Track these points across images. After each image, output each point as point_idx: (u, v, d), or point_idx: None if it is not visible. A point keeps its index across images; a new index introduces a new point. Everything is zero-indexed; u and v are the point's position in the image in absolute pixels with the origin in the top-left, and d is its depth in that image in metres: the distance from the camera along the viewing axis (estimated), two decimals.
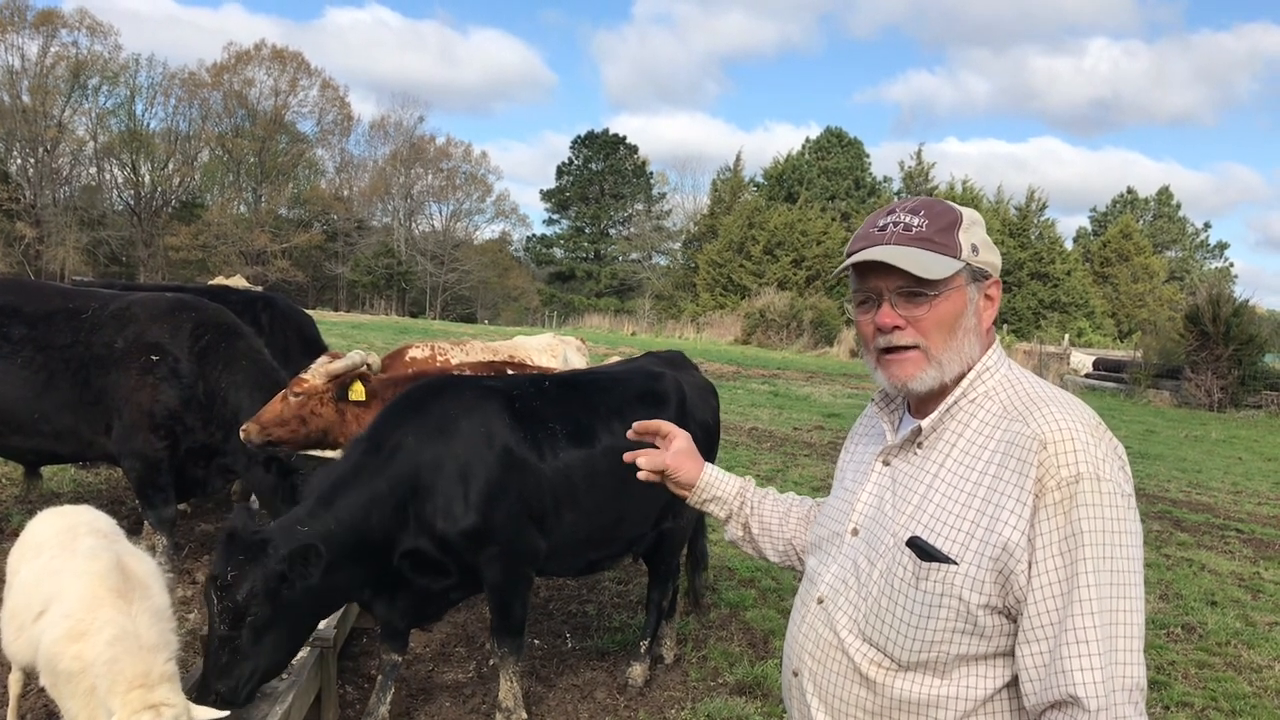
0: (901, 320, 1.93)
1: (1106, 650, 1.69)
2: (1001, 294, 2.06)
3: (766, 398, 20.72)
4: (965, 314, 1.95)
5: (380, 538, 4.17)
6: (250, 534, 3.71)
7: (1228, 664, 6.33)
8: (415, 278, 65.36)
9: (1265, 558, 9.28)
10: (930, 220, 1.93)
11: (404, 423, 4.40)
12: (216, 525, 7.79)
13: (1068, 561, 1.72)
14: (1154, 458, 15.80)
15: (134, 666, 3.19)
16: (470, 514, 4.31)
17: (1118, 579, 1.72)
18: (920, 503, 1.92)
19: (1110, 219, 71.45)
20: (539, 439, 4.58)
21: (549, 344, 8.65)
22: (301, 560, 3.69)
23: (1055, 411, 1.83)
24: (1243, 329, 25.43)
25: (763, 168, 67.53)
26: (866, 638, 1.94)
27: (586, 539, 4.81)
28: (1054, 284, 56.08)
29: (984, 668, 1.85)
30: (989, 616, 1.80)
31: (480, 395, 4.62)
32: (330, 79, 67.34)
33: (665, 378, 5.31)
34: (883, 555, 1.94)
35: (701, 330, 47.70)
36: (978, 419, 1.92)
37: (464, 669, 5.44)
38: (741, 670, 5.58)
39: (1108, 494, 1.74)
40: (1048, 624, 1.73)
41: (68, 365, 5.93)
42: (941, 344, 1.93)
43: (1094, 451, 1.77)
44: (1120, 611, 1.72)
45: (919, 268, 1.88)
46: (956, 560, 1.81)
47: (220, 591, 3.59)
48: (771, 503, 2.50)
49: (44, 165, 57.03)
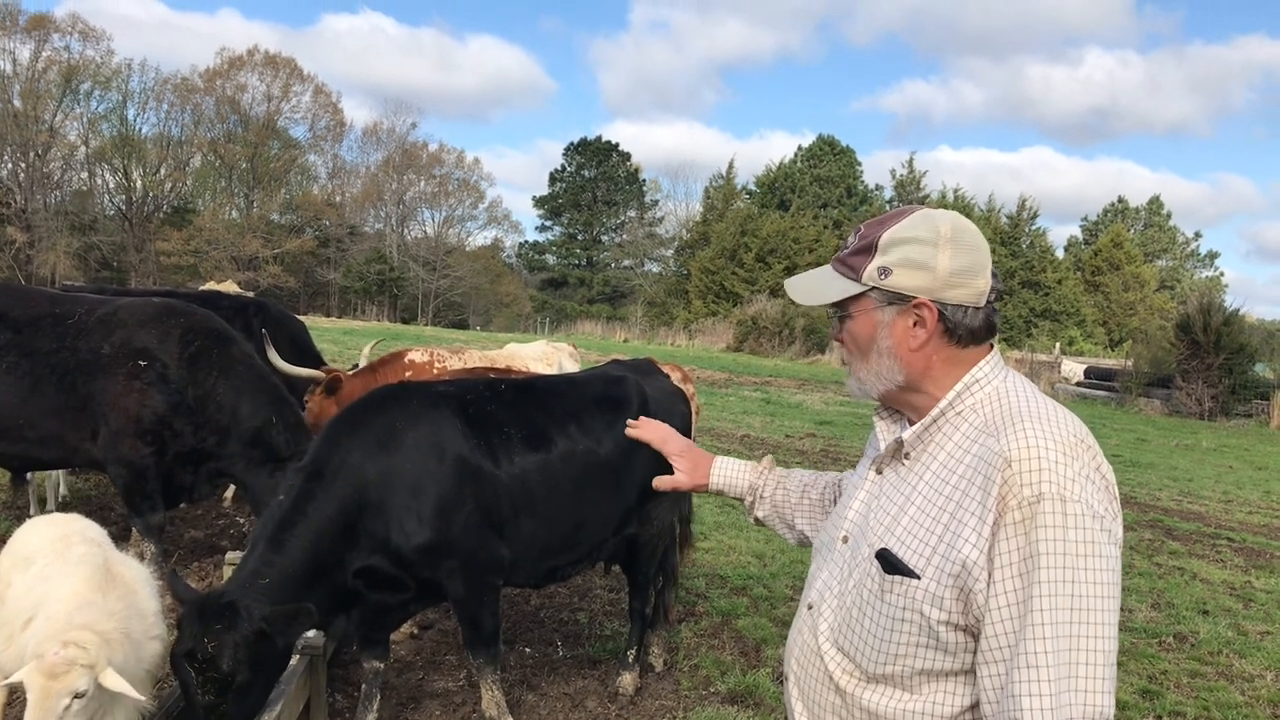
0: (842, 335, 2.04)
1: (1060, 677, 1.64)
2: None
3: (758, 405, 20.71)
4: (875, 337, 1.96)
5: (334, 561, 4.05)
6: (218, 600, 3.59)
7: (1220, 673, 6.33)
8: (407, 284, 65.27)
9: (1256, 566, 9.30)
10: (858, 240, 1.98)
11: (344, 440, 4.23)
12: (206, 532, 7.75)
13: (1024, 584, 1.68)
14: (1145, 466, 15.83)
15: (83, 619, 3.21)
16: (424, 529, 4.18)
17: (1079, 603, 1.66)
18: (897, 514, 1.91)
19: (1101, 228, 71.70)
20: (494, 445, 4.43)
21: (544, 352, 8.64)
22: (291, 622, 3.60)
23: (1029, 428, 1.79)
24: (1233, 338, 25.55)
25: (755, 175, 67.72)
26: (839, 647, 1.95)
27: (546, 547, 4.68)
28: (1045, 293, 56.25)
29: (952, 684, 1.83)
30: (951, 633, 1.78)
31: (428, 403, 4.47)
32: (323, 85, 67.41)
33: (626, 382, 5.17)
34: (859, 565, 1.95)
35: (694, 337, 47.73)
36: (960, 432, 1.90)
37: (454, 677, 5.41)
38: (733, 679, 5.56)
39: (1073, 515, 1.69)
40: (1003, 645, 1.71)
41: (53, 371, 5.88)
42: (858, 362, 2.01)
43: (1061, 471, 1.72)
44: (1080, 637, 1.66)
45: (801, 292, 2.04)
46: (919, 574, 1.80)
47: (201, 664, 3.44)
48: (784, 488, 2.53)
49: (35, 170, 56.82)
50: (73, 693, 3.11)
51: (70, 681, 3.09)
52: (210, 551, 7.18)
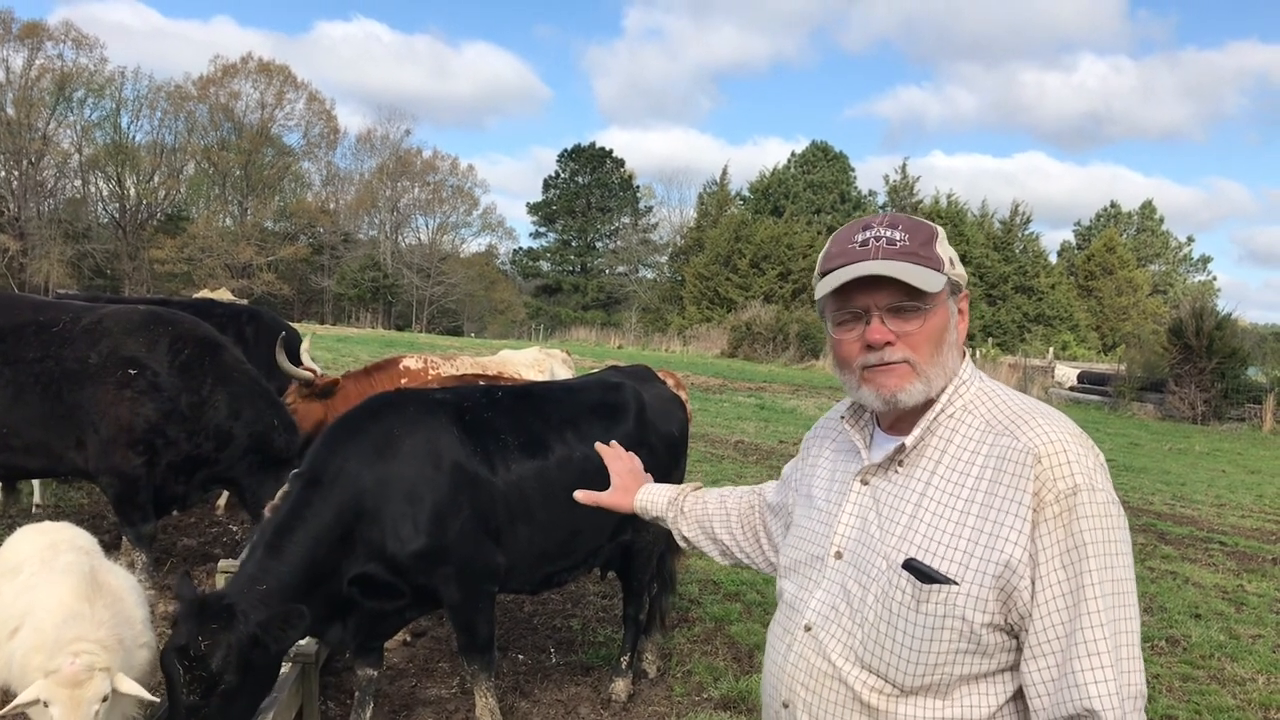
0: (892, 335, 1.89)
1: (1115, 660, 1.70)
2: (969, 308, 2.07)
3: (752, 410, 20.72)
4: (949, 328, 1.94)
5: (331, 568, 4.05)
6: (217, 601, 3.58)
7: (1211, 677, 6.34)
8: (401, 291, 65.22)
9: (1249, 570, 9.32)
10: (910, 234, 1.91)
11: (341, 447, 4.23)
12: (199, 540, 7.74)
13: (1072, 574, 1.73)
14: (1138, 470, 15.86)
15: (74, 631, 3.21)
16: (420, 536, 4.18)
17: (1119, 587, 1.74)
18: (910, 523, 1.88)
19: (1094, 233, 71.91)
20: (490, 452, 4.45)
21: (536, 359, 8.66)
22: (283, 624, 3.58)
23: (1045, 424, 1.83)
24: (1226, 342, 25.61)
25: (749, 181, 67.81)
26: (865, 665, 1.90)
27: (542, 553, 4.69)
28: (1038, 297, 56.40)
29: (985, 686, 1.84)
30: (992, 634, 1.79)
31: (424, 410, 4.47)
32: (317, 92, 67.37)
33: (624, 389, 5.20)
34: (875, 579, 1.90)
35: (688, 343, 47.72)
36: (960, 434, 1.90)
37: (447, 684, 5.41)
38: (726, 685, 5.56)
39: (1103, 504, 1.75)
40: (1056, 637, 1.73)
41: (37, 379, 5.85)
42: (929, 358, 1.90)
43: (1087, 462, 1.78)
44: (1123, 620, 1.73)
45: (919, 280, 1.86)
46: (957, 580, 1.79)
47: (191, 662, 3.40)
48: (702, 501, 2.56)
49: (28, 178, 56.73)
50: (100, 698, 3.13)
51: (96, 687, 3.12)
52: (203, 559, 7.17)
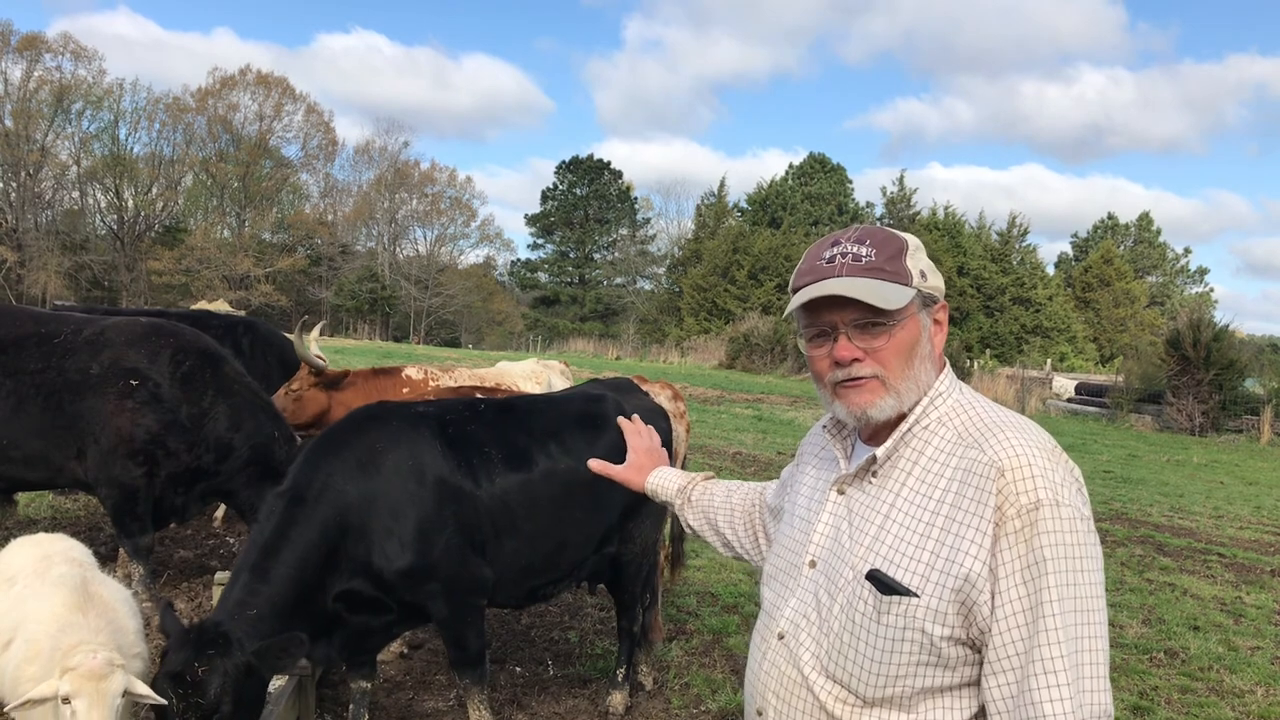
0: (860, 352, 1.89)
1: (1074, 680, 1.67)
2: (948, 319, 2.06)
3: (750, 422, 20.72)
4: (920, 341, 1.92)
5: (317, 586, 4.02)
6: (213, 628, 3.54)
7: (1210, 689, 6.33)
8: (399, 302, 65.28)
9: (1247, 582, 9.31)
10: (877, 249, 1.90)
11: (324, 463, 4.18)
12: (195, 552, 7.72)
13: (1031, 590, 1.70)
14: (1136, 482, 15.85)
15: (75, 637, 3.22)
16: (406, 552, 4.15)
17: (1081, 605, 1.71)
18: (878, 534, 1.88)
19: (1091, 244, 72.10)
20: (474, 465, 4.42)
21: (533, 370, 8.65)
22: (281, 653, 3.54)
23: (1011, 437, 1.81)
24: (1223, 354, 25.61)
25: (747, 193, 67.98)
26: (830, 674, 1.90)
27: (528, 566, 4.65)
28: (1036, 309, 56.47)
29: (949, 699, 1.82)
30: (953, 648, 1.78)
31: (408, 424, 4.42)
32: (315, 104, 67.60)
33: (605, 400, 5.15)
34: (842, 589, 1.90)
35: (686, 354, 47.76)
36: (932, 446, 1.89)
37: (444, 697, 5.39)
38: (724, 697, 5.54)
39: (1067, 519, 1.72)
40: (1014, 654, 1.71)
41: (38, 391, 5.85)
42: (899, 373, 1.89)
43: (1052, 477, 1.75)
44: (1085, 639, 1.70)
45: (877, 298, 1.84)
46: (917, 592, 1.78)
47: (186, 690, 3.35)
48: (709, 493, 2.58)
49: (26, 189, 56.82)
50: (120, 694, 3.14)
51: (116, 681, 3.13)
52: (199, 572, 7.15)
